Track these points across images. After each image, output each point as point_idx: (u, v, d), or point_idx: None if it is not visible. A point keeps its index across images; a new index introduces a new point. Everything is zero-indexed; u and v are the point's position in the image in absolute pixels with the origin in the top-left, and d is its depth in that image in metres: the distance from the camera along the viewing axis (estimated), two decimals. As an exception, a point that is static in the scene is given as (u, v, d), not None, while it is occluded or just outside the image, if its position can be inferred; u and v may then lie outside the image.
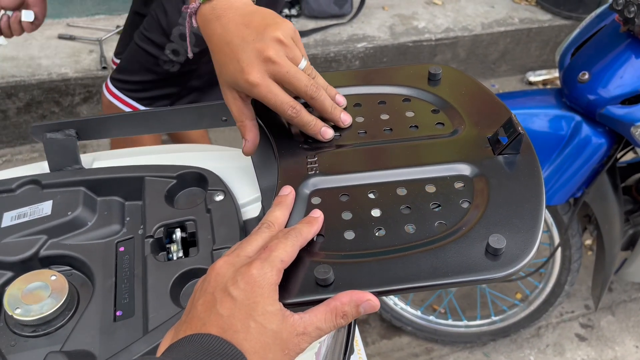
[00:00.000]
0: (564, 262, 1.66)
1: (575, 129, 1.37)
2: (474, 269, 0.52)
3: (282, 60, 0.63)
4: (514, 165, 0.62)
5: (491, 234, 0.54)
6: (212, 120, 0.78)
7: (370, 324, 1.96)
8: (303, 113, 0.66)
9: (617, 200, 1.50)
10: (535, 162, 0.62)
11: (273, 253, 0.49)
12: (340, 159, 0.65)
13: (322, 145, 0.67)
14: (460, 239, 0.55)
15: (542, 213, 0.57)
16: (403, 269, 0.53)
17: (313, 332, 0.48)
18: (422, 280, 0.52)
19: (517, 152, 0.63)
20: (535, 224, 0.56)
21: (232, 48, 0.63)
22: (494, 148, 0.64)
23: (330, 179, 0.62)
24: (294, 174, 0.63)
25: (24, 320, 0.60)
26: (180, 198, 0.73)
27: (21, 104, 2.32)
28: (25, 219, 0.70)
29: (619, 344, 1.97)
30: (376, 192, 0.61)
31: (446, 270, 0.52)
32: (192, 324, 0.47)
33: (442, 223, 0.57)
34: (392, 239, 0.56)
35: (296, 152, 0.66)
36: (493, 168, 0.62)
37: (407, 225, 0.57)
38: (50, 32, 2.53)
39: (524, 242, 0.54)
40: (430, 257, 0.54)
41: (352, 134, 0.69)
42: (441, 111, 0.71)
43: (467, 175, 0.62)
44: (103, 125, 0.78)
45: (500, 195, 0.59)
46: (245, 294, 0.47)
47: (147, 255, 0.64)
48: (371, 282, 0.52)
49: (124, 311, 0.62)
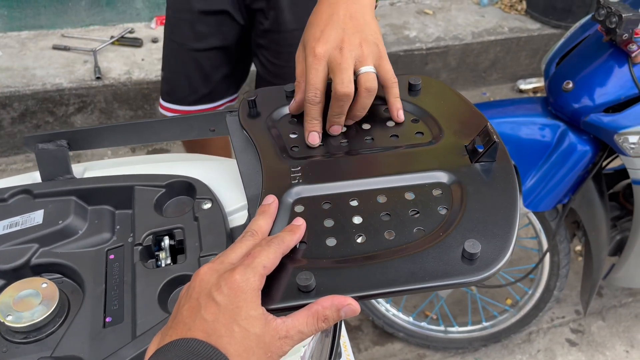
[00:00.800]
0: (552, 267, 1.68)
1: (560, 137, 1.40)
2: (450, 273, 0.54)
3: (348, 55, 0.69)
4: (490, 173, 0.64)
5: (467, 239, 0.56)
6: (201, 130, 0.79)
7: (363, 331, 1.97)
8: (318, 107, 0.71)
9: (603, 207, 1.53)
10: (511, 170, 0.65)
11: (256, 259, 0.51)
12: (323, 168, 0.67)
13: (305, 156, 0.69)
14: (438, 245, 0.57)
15: (516, 219, 0.59)
16: (383, 274, 0.54)
17: (295, 335, 0.50)
18: (401, 285, 0.54)
19: (493, 160, 0.65)
20: (509, 229, 0.58)
21: (329, 21, 0.71)
22: (471, 156, 0.66)
23: (313, 187, 0.64)
24: (277, 183, 0.65)
25: (16, 327, 0.61)
26: (169, 206, 0.75)
27: (15, 114, 2.34)
28: (17, 228, 0.71)
29: (610, 348, 1.98)
30: (357, 200, 0.63)
31: (424, 275, 0.54)
32: (178, 328, 0.48)
33: (421, 229, 0.59)
34: (372, 245, 0.58)
35: (280, 162, 0.68)
36: (470, 175, 0.64)
37: (387, 231, 0.59)
38: (44, 43, 2.55)
39: (499, 247, 0.56)
40: (408, 262, 0.55)
41: (335, 143, 0.71)
42: (420, 120, 0.74)
43: (445, 182, 0.64)
44: (94, 136, 0.79)
45: (476, 202, 0.61)
46: (228, 299, 0.48)
47: (135, 263, 0.66)
48: (352, 287, 0.53)
49: (113, 317, 0.63)
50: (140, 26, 2.75)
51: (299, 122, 0.74)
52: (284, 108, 0.76)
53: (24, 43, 2.55)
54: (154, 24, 2.75)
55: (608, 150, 1.39)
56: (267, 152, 0.69)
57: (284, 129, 0.73)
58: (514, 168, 0.65)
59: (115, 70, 2.44)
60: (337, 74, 0.68)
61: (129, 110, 2.49)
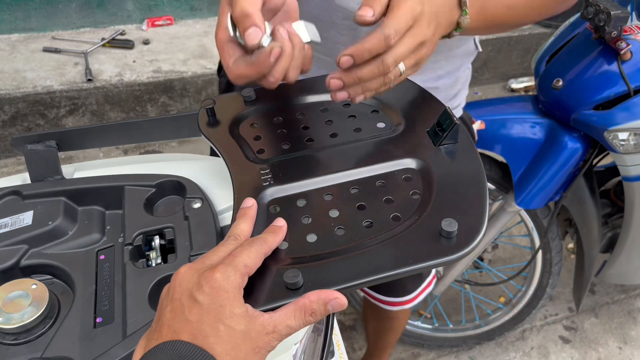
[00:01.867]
0: (545, 265, 1.69)
1: (551, 135, 1.40)
2: (432, 253, 0.55)
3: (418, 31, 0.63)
4: (454, 154, 0.66)
5: (443, 219, 0.56)
6: (191, 130, 0.79)
7: (357, 330, 1.97)
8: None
9: (594, 204, 1.53)
10: (473, 148, 0.67)
11: (237, 258, 0.51)
12: (291, 167, 0.67)
13: (272, 157, 0.69)
14: (415, 228, 0.58)
15: (486, 193, 0.61)
16: (368, 263, 0.55)
17: (283, 330, 0.50)
18: (387, 270, 0.54)
19: (456, 142, 0.67)
20: (481, 203, 0.59)
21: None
22: (434, 140, 0.68)
23: (285, 187, 0.65)
24: (249, 187, 0.65)
25: (5, 328, 0.61)
26: (160, 206, 0.75)
27: (6, 117, 2.32)
28: (6, 229, 0.71)
29: (603, 345, 1.99)
30: (331, 195, 0.64)
31: (407, 258, 0.55)
32: (163, 331, 0.48)
33: (397, 215, 0.60)
34: (352, 236, 0.59)
35: (248, 166, 0.68)
36: (435, 159, 0.66)
37: (365, 221, 0.60)
38: (35, 45, 2.54)
39: (474, 222, 0.57)
40: (390, 248, 0.56)
41: (300, 142, 0.71)
42: (380, 111, 0.75)
43: (413, 168, 0.66)
44: (83, 136, 0.79)
45: (445, 183, 0.62)
46: (210, 298, 0.48)
47: (126, 263, 0.66)
48: (339, 279, 0.54)
49: (104, 318, 0.63)
50: (132, 28, 2.75)
51: (260, 126, 0.75)
52: (244, 112, 0.76)
53: (14, 46, 2.53)
54: (145, 25, 2.74)
55: (599, 148, 1.40)
56: (234, 158, 0.69)
57: (247, 134, 0.74)
58: (475, 145, 0.67)
59: (107, 72, 2.43)
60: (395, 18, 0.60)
61: (120, 112, 2.48)
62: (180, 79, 2.48)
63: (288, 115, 0.76)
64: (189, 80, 2.49)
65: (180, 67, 2.51)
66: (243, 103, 0.77)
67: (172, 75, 2.47)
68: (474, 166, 0.65)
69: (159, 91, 2.48)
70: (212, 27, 2.83)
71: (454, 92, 1.08)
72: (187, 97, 2.54)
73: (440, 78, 1.01)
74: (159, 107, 2.53)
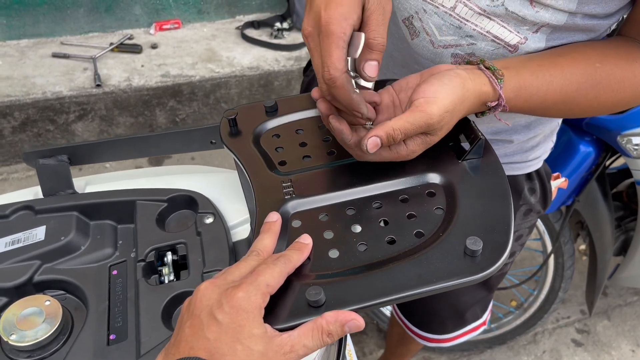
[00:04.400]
0: (557, 269, 1.68)
1: (563, 139, 1.39)
2: (456, 272, 0.54)
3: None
4: (479, 169, 0.65)
5: (467, 236, 0.55)
6: (202, 143, 0.79)
7: (368, 334, 1.97)
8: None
9: (607, 207, 1.52)
10: (498, 163, 0.65)
11: (259, 277, 0.51)
12: (314, 180, 0.66)
13: (294, 170, 0.68)
14: (439, 245, 0.57)
15: (511, 210, 0.59)
16: (390, 281, 0.54)
17: (300, 350, 0.50)
18: (410, 289, 0.53)
19: (480, 156, 0.66)
20: (506, 221, 0.58)
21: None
22: (458, 154, 0.67)
23: (307, 201, 0.64)
24: (270, 199, 0.64)
25: (19, 346, 0.61)
26: (171, 221, 0.75)
27: (16, 123, 2.34)
28: (19, 245, 0.71)
29: (615, 348, 1.98)
30: (353, 209, 0.63)
31: (430, 277, 0.54)
32: (181, 347, 0.48)
33: (420, 232, 0.59)
34: (375, 252, 0.58)
35: (270, 178, 0.67)
36: (459, 174, 0.64)
37: (387, 237, 0.59)
38: (44, 51, 2.55)
39: (499, 240, 0.56)
40: (413, 266, 0.55)
41: (322, 154, 0.70)
42: None
43: (437, 183, 0.65)
44: (94, 151, 0.79)
45: (470, 199, 0.61)
46: (230, 318, 0.48)
47: (139, 280, 0.66)
48: (361, 297, 0.53)
49: (117, 334, 0.63)
50: (139, 32, 2.75)
51: (282, 137, 0.74)
52: (266, 123, 0.75)
53: (23, 51, 2.55)
54: (152, 29, 2.74)
55: (611, 151, 1.38)
56: (255, 169, 0.68)
57: (268, 145, 0.73)
58: (500, 162, 0.65)
59: (115, 77, 2.44)
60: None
61: (129, 117, 2.49)
62: (188, 83, 2.48)
63: (310, 127, 0.75)
64: (197, 84, 2.50)
65: (188, 71, 2.51)
66: (265, 113, 0.76)
67: (181, 79, 2.47)
68: (499, 182, 0.63)
69: (167, 95, 2.48)
70: (219, 30, 2.83)
71: (531, 144, 0.94)
72: (195, 101, 2.55)
73: (516, 132, 0.90)
74: (168, 111, 2.54)
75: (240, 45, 2.71)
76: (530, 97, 0.69)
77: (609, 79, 0.71)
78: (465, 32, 0.73)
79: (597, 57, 0.72)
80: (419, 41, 0.78)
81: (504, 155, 0.92)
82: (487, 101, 0.67)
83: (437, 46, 0.76)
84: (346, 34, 0.58)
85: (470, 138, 0.66)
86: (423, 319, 1.28)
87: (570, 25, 0.71)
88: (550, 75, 0.69)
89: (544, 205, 1.06)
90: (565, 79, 0.70)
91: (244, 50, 2.68)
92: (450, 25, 0.74)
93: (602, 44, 0.75)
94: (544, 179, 1.02)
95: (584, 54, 0.72)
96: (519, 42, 0.73)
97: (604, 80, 0.71)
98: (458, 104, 0.63)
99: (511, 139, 0.90)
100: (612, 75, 0.71)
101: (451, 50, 0.76)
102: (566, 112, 0.76)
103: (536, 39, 0.72)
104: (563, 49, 0.73)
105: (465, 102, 0.64)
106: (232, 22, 2.91)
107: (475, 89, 0.65)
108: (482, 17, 0.72)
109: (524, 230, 1.06)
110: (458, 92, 0.63)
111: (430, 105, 0.61)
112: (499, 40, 0.73)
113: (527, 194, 1.00)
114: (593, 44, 0.74)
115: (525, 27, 0.71)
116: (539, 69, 0.70)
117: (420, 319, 1.28)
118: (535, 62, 0.71)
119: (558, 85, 0.70)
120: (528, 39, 0.72)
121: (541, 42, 0.73)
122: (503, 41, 0.73)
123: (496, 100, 0.67)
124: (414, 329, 1.31)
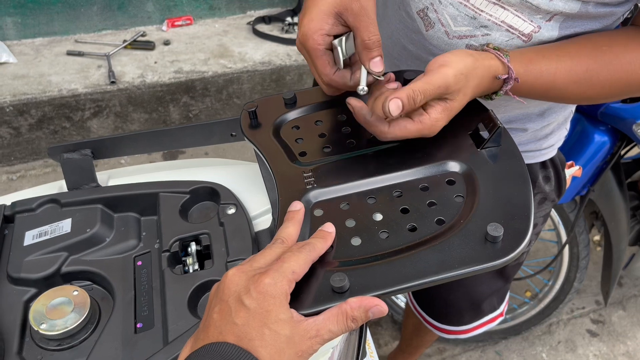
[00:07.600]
0: (572, 259, 1.68)
1: (578, 128, 1.39)
2: (477, 258, 0.55)
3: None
4: (498, 157, 0.66)
5: (487, 223, 0.56)
6: (222, 136, 0.80)
7: (382, 326, 1.98)
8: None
9: (622, 197, 1.52)
10: (517, 152, 0.66)
11: (285, 264, 0.52)
12: (334, 170, 0.68)
13: (315, 160, 0.70)
14: (460, 232, 0.58)
15: (531, 197, 0.60)
16: (413, 267, 0.55)
17: (325, 334, 0.51)
18: (433, 275, 0.54)
19: (499, 145, 0.67)
20: (526, 208, 0.59)
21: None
22: (477, 143, 0.68)
23: (328, 190, 0.65)
24: (292, 189, 0.65)
25: (49, 334, 0.63)
26: (194, 212, 0.76)
27: (33, 121, 2.37)
28: (46, 237, 0.73)
29: (631, 338, 1.97)
30: (374, 198, 0.64)
31: (452, 263, 0.55)
32: (210, 332, 0.50)
33: (441, 219, 0.60)
34: (396, 240, 0.59)
35: (291, 168, 0.68)
36: (479, 162, 0.65)
37: (408, 224, 0.60)
38: (58, 49, 2.58)
39: (519, 227, 0.57)
40: (435, 252, 0.56)
41: (341, 144, 0.72)
42: None
43: (456, 171, 0.66)
44: (117, 144, 0.81)
45: (489, 187, 0.62)
46: (257, 303, 0.49)
47: (164, 269, 0.67)
48: (385, 283, 0.54)
49: (144, 323, 0.65)
50: (152, 29, 2.77)
51: (302, 128, 0.75)
52: (286, 115, 0.76)
53: (38, 50, 2.58)
54: (165, 26, 2.76)
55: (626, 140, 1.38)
56: (277, 160, 0.70)
57: (288, 136, 0.74)
58: (518, 150, 0.67)
59: (129, 74, 2.46)
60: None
61: (143, 113, 2.51)
62: (201, 79, 2.50)
63: (329, 118, 0.76)
64: (209, 79, 2.51)
65: (200, 67, 2.53)
66: (284, 105, 0.78)
67: (193, 75, 2.49)
68: (518, 169, 0.64)
69: (180, 91, 2.50)
70: (230, 26, 2.85)
71: (545, 132, 0.95)
72: (208, 96, 2.56)
73: (530, 120, 0.91)
74: (181, 107, 2.56)
75: (252, 41, 2.72)
76: (540, 73, 0.71)
77: (619, 60, 0.73)
78: (480, 22, 0.74)
79: (605, 42, 0.74)
80: (433, 32, 0.79)
81: (518, 144, 0.93)
82: (497, 73, 0.69)
83: (452, 37, 0.77)
84: (322, 44, 0.66)
85: (489, 127, 0.67)
86: (440, 310, 1.28)
87: (583, 14, 0.72)
88: (557, 56, 0.72)
89: (559, 194, 1.06)
90: (572, 60, 0.72)
91: (256, 46, 2.69)
92: (465, 15, 0.75)
93: (610, 32, 0.76)
94: (558, 167, 1.03)
95: (590, 39, 0.74)
96: (533, 30, 0.73)
97: (614, 61, 0.73)
98: (471, 70, 0.66)
99: (525, 128, 0.91)
100: (622, 56, 0.73)
101: (465, 41, 0.77)
102: (581, 95, 0.76)
103: (549, 27, 0.73)
104: (569, 39, 0.75)
105: (477, 71, 0.67)
106: (243, 17, 2.92)
107: (484, 63, 0.68)
108: (497, 6, 0.73)
109: (539, 219, 1.07)
110: (469, 60, 0.66)
111: (445, 68, 0.65)
112: (513, 30, 0.74)
113: (542, 182, 1.00)
114: (601, 33, 0.76)
115: (538, 16, 0.72)
116: (545, 50, 0.73)
117: (437, 310, 1.29)
118: (541, 47, 0.74)
119: (566, 65, 0.72)
120: (542, 28, 0.73)
121: (554, 31, 0.74)
122: (517, 30, 0.74)
123: (506, 73, 0.69)
124: (431, 321, 1.31)
